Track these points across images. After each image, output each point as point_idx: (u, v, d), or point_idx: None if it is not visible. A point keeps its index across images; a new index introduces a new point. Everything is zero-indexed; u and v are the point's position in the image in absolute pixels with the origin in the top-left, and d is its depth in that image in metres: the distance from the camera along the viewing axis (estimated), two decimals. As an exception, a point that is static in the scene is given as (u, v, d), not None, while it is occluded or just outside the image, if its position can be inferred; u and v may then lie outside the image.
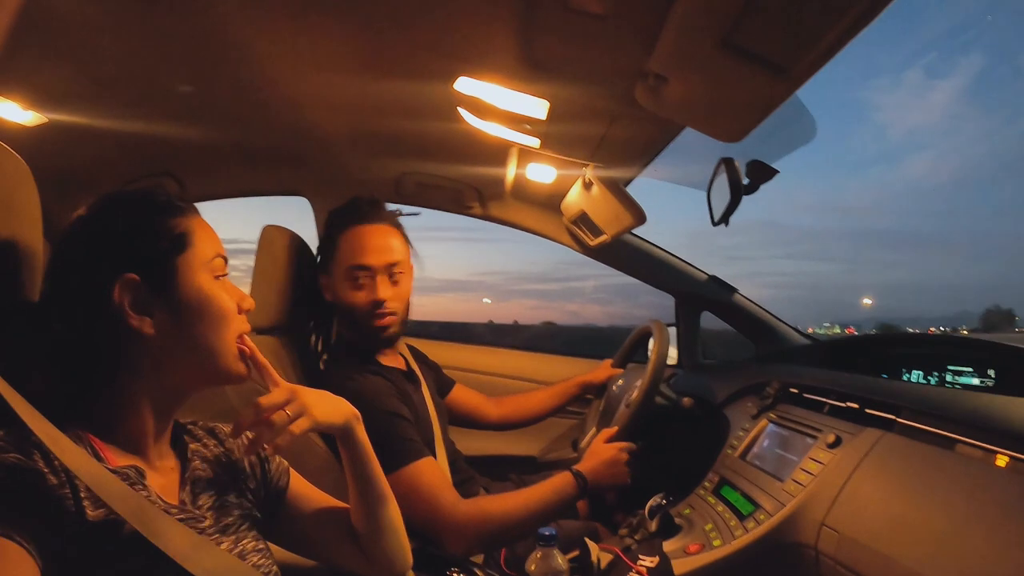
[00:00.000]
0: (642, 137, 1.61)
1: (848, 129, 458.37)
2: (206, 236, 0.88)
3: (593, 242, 2.29)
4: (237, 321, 0.90)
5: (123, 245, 0.82)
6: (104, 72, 1.53)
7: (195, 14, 1.27)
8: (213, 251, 0.89)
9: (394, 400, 1.48)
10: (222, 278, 0.90)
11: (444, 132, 1.81)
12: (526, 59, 1.27)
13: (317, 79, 1.58)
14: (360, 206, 1.60)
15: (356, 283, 1.55)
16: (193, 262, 0.85)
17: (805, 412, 1.53)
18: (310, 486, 1.11)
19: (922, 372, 1.77)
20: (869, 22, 0.76)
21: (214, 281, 0.87)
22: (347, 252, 1.55)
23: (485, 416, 2.07)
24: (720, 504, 1.49)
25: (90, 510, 0.68)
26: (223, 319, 0.87)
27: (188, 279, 0.84)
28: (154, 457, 0.85)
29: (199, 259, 0.86)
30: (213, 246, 0.89)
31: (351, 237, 1.56)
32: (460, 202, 2.46)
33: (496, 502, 1.46)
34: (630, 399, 1.73)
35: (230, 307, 0.88)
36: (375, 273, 1.55)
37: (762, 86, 0.97)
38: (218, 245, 0.90)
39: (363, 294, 1.55)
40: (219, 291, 0.87)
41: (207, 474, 0.92)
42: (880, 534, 1.05)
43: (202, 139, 2.03)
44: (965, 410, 1.15)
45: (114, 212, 0.84)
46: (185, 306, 0.84)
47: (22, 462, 0.65)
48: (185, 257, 0.84)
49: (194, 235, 0.86)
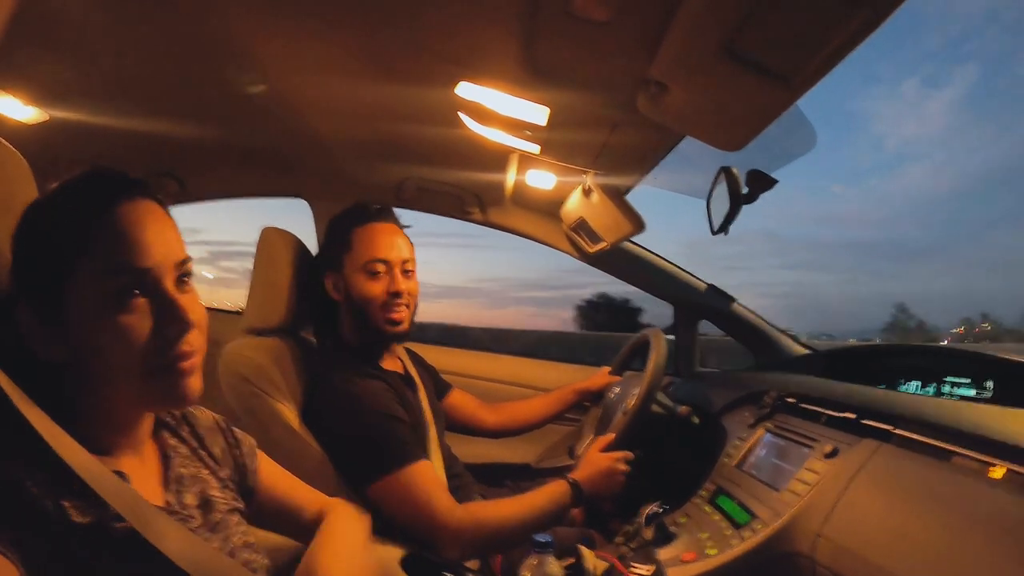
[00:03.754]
0: (642, 145, 1.61)
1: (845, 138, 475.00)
2: (109, 244, 0.70)
3: (592, 249, 2.29)
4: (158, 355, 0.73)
5: (15, 263, 0.72)
6: (107, 71, 1.54)
7: (199, 17, 1.28)
8: (114, 266, 0.70)
9: (392, 403, 1.48)
10: (133, 302, 0.71)
11: (445, 137, 1.81)
12: (527, 65, 1.27)
13: (319, 83, 1.58)
14: (370, 207, 1.62)
15: (374, 276, 1.56)
16: (85, 284, 0.69)
17: (802, 422, 1.53)
18: (277, 465, 1.10)
19: (920, 383, 1.77)
20: (871, 32, 0.76)
21: (115, 310, 0.70)
22: (363, 247, 1.57)
23: (481, 422, 2.06)
24: (716, 513, 1.49)
25: (75, 516, 0.66)
26: (128, 359, 0.71)
27: (79, 309, 0.70)
28: (135, 460, 0.81)
29: (91, 280, 0.70)
30: (116, 258, 0.71)
31: (366, 233, 1.58)
32: (460, 207, 2.46)
33: (491, 508, 1.45)
34: (627, 407, 1.73)
35: (137, 343, 0.71)
36: (391, 267, 1.57)
37: (763, 95, 0.97)
38: (127, 255, 0.71)
39: (380, 286, 1.56)
40: (120, 325, 0.70)
41: (188, 470, 0.89)
42: (876, 545, 1.05)
43: (204, 140, 2.05)
44: (962, 421, 1.15)
45: (23, 219, 0.73)
46: (80, 343, 0.71)
47: (5, 471, 0.63)
48: (76, 279, 0.69)
49: (89, 246, 0.70)
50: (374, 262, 1.56)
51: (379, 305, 1.56)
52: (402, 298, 1.57)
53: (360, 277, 1.56)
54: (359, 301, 1.57)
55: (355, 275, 1.57)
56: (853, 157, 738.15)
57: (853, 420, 1.38)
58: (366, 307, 1.57)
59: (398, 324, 1.59)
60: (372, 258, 1.56)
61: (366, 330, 1.59)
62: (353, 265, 1.57)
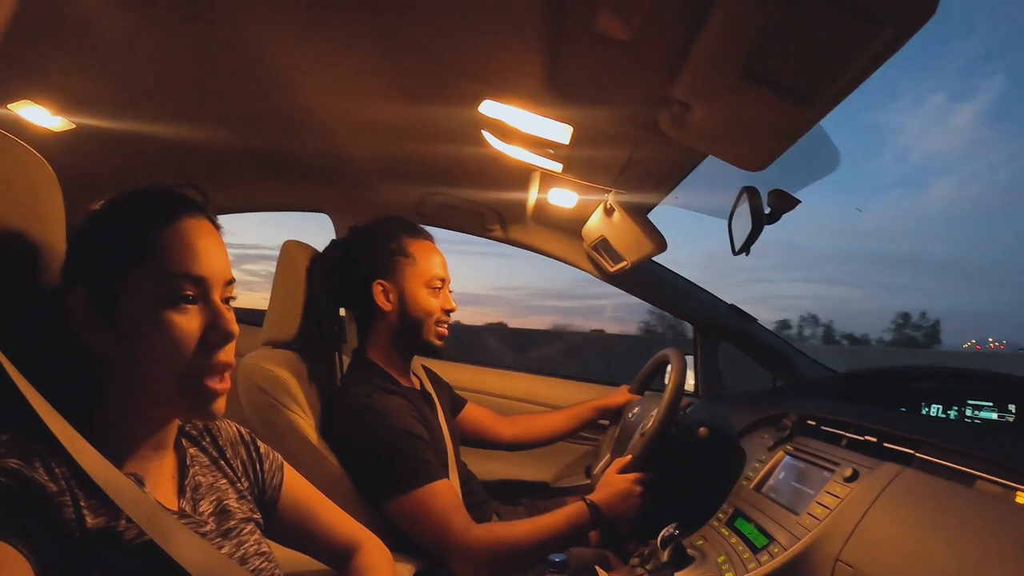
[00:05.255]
0: (664, 164, 1.61)
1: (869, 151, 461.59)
2: (173, 251, 0.77)
3: (613, 268, 2.29)
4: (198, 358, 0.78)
5: (75, 254, 0.79)
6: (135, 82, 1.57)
7: (228, 32, 1.30)
8: (174, 271, 0.77)
9: (411, 420, 1.48)
10: (186, 305, 0.77)
11: (468, 155, 1.83)
12: (551, 83, 1.28)
13: (345, 100, 1.61)
14: (416, 223, 1.71)
15: (435, 292, 1.64)
16: (143, 282, 0.75)
17: (822, 445, 1.51)
18: (307, 484, 1.10)
19: (941, 406, 1.75)
20: (893, 52, 0.76)
21: (168, 309, 0.76)
22: (427, 263, 1.64)
23: (497, 435, 2.06)
24: (734, 536, 1.47)
25: (90, 518, 0.68)
26: (170, 356, 0.76)
27: (133, 302, 0.75)
28: (153, 465, 0.82)
29: (151, 279, 0.76)
30: (177, 264, 0.77)
31: (426, 250, 1.66)
32: (481, 224, 2.47)
33: (508, 528, 1.45)
34: (645, 428, 1.72)
35: (183, 343, 0.76)
36: (445, 285, 1.67)
37: (786, 115, 0.97)
38: (187, 263, 0.78)
39: (438, 302, 1.65)
40: (171, 323, 0.76)
41: (206, 479, 0.91)
42: (897, 571, 1.03)
43: (228, 153, 2.08)
44: (985, 445, 1.13)
45: (90, 217, 0.80)
46: (128, 333, 0.75)
47: (23, 468, 0.64)
48: (134, 276, 0.76)
49: (153, 249, 0.76)
50: (437, 279, 1.64)
51: (434, 320, 1.64)
52: (450, 316, 1.67)
53: (423, 291, 1.62)
54: (417, 313, 1.63)
55: (418, 289, 1.62)
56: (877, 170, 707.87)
57: (874, 443, 1.36)
58: (424, 320, 1.63)
59: (443, 339, 1.67)
60: (436, 275, 1.64)
61: (412, 342, 1.65)
62: (417, 279, 1.63)
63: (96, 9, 1.23)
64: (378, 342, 1.65)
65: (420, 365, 1.89)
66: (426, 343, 1.65)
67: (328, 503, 1.12)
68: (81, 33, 1.32)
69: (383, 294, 1.62)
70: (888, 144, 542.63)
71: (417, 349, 1.68)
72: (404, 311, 1.62)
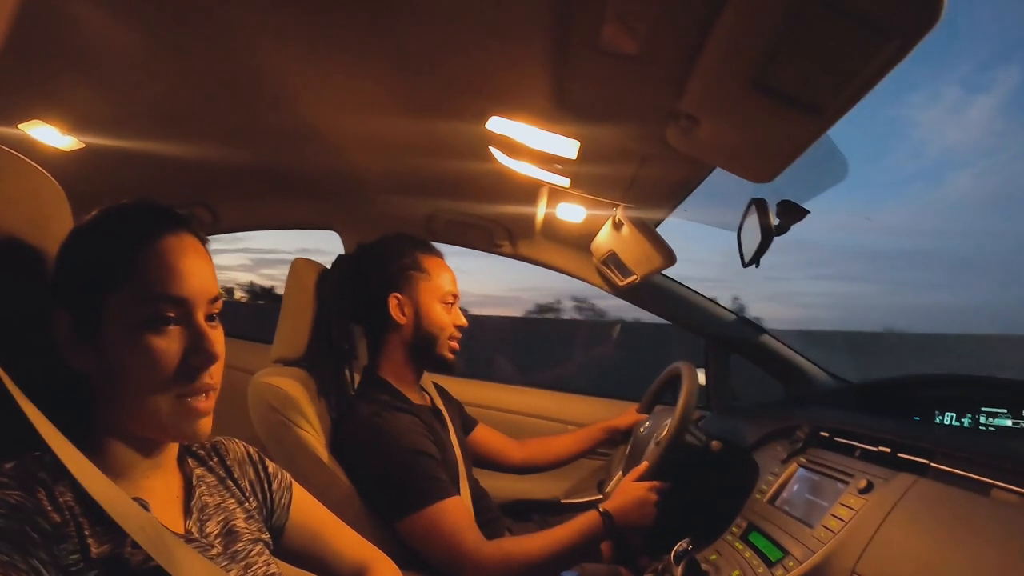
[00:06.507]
0: (673, 177, 1.62)
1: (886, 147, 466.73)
2: (152, 272, 0.75)
3: (622, 283, 2.29)
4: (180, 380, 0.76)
5: (57, 274, 0.77)
6: (144, 101, 1.57)
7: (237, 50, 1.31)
8: (154, 292, 0.74)
9: (422, 438, 1.48)
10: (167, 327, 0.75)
11: (475, 171, 1.84)
12: (557, 99, 1.29)
13: (353, 117, 1.61)
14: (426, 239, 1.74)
15: (448, 307, 1.67)
16: (123, 304, 0.73)
17: (836, 456, 1.50)
18: (317, 504, 1.10)
19: (955, 414, 1.73)
20: (901, 60, 0.76)
21: (149, 332, 0.74)
22: (441, 279, 1.67)
23: (508, 458, 2.05)
24: (748, 550, 1.46)
25: (95, 547, 0.67)
26: (151, 379, 0.74)
27: (114, 324, 0.74)
28: (158, 485, 0.82)
29: (130, 301, 0.74)
30: (157, 285, 0.75)
31: (440, 266, 1.69)
32: (490, 240, 2.47)
33: (519, 544, 1.44)
34: (660, 437, 1.71)
35: (164, 366, 0.74)
36: (456, 301, 1.69)
37: (794, 126, 0.98)
38: (167, 283, 0.75)
39: (451, 318, 1.67)
40: (152, 346, 0.74)
41: (213, 500, 0.90)
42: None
43: (237, 171, 2.09)
44: (1001, 453, 1.12)
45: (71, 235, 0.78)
46: (110, 355, 0.74)
47: (25, 499, 0.64)
48: (114, 298, 0.74)
49: (132, 270, 0.74)
50: (450, 295, 1.66)
51: (448, 335, 1.66)
52: (460, 332, 1.69)
53: (438, 307, 1.65)
54: (432, 328, 1.64)
55: (433, 304, 1.65)
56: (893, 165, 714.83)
57: (888, 454, 1.36)
58: (438, 335, 1.65)
59: (455, 354, 1.68)
60: (449, 291, 1.66)
61: (426, 357, 1.66)
62: (432, 294, 1.65)
63: (105, 30, 1.24)
64: (390, 357, 1.65)
65: (431, 382, 1.89)
66: (440, 357, 1.66)
67: (338, 523, 1.11)
68: (91, 53, 1.33)
69: (398, 308, 1.62)
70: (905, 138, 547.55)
71: (430, 364, 1.68)
72: (419, 325, 1.63)
